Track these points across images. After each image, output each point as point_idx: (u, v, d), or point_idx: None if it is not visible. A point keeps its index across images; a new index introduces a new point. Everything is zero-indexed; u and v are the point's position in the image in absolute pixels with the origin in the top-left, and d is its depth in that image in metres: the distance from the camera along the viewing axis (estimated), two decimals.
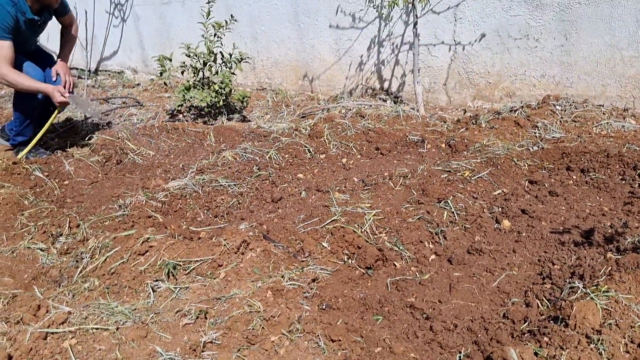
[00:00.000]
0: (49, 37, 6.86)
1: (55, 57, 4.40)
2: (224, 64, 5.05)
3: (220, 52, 5.02)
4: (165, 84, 5.14)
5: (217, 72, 5.05)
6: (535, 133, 3.82)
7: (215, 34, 4.92)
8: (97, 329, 2.16)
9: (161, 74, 5.00)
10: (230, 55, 5.03)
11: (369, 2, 4.84)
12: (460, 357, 1.91)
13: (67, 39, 4.46)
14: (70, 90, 4.16)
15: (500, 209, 2.90)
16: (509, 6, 4.28)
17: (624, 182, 3.08)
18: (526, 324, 2.00)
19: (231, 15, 4.95)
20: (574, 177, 3.24)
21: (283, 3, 5.59)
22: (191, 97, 4.98)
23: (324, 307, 2.19)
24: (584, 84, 4.17)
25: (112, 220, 3.02)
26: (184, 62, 5.03)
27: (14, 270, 2.69)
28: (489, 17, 4.41)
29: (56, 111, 4.24)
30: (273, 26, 5.83)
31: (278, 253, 2.52)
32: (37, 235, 2.94)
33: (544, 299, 2.11)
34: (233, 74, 5.10)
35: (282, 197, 3.29)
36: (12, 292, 2.50)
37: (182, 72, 5.10)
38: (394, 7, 4.54)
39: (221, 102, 5.02)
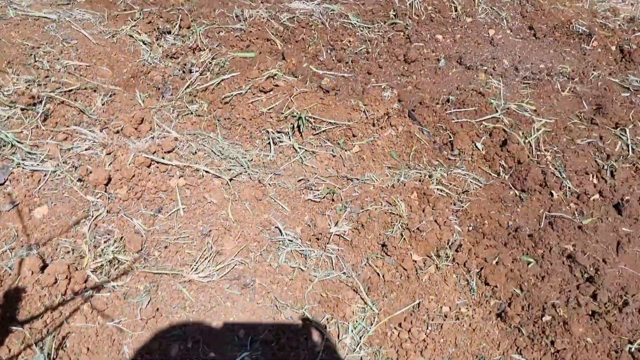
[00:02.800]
0: None
1: None
2: None
3: None
4: None
5: None
6: None
7: None
8: (207, 172, 1.83)
9: None
10: None
11: None
12: (630, 349, 1.56)
13: None
14: None
15: None
16: None
17: None
18: None
19: None
20: None
21: None
22: None
23: (469, 227, 1.82)
24: None
25: (227, 31, 2.55)
26: None
27: (112, 60, 2.31)
28: None
29: None
30: None
31: (422, 140, 2.08)
32: (141, 24, 2.50)
33: None
34: None
35: (416, 59, 2.75)
36: (110, 89, 2.15)
37: None
38: None
39: None
